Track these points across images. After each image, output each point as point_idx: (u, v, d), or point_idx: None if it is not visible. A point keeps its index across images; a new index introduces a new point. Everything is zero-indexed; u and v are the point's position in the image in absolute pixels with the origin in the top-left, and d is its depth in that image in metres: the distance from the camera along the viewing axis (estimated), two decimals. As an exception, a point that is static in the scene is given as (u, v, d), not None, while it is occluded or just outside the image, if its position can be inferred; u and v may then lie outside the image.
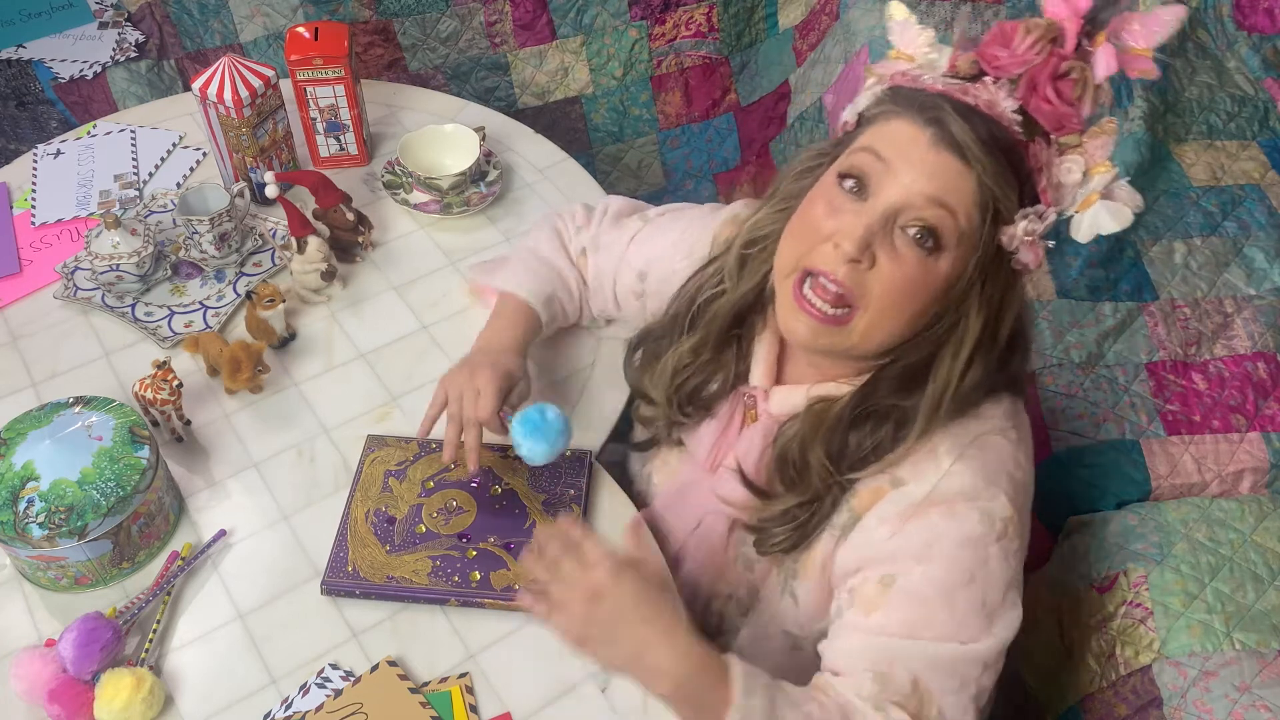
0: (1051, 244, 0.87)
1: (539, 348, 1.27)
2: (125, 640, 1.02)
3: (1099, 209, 0.84)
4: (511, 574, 1.08)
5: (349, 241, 1.41)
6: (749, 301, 1.02)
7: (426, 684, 1.02)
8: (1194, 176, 1.61)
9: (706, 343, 1.04)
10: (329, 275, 1.36)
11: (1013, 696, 1.29)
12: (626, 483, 1.21)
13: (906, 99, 0.87)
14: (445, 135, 1.53)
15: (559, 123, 2.00)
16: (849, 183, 0.88)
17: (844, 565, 0.95)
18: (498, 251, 1.44)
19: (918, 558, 0.89)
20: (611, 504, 1.16)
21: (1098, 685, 1.14)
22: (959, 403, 0.91)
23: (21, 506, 1.01)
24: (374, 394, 1.27)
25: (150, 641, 1.03)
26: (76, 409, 1.10)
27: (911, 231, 0.85)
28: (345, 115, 1.52)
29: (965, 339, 0.89)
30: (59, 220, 1.47)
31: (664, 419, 1.10)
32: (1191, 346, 1.35)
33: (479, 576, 1.07)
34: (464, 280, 1.37)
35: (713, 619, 1.10)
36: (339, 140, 1.54)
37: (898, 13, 0.91)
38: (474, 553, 1.09)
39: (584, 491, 1.15)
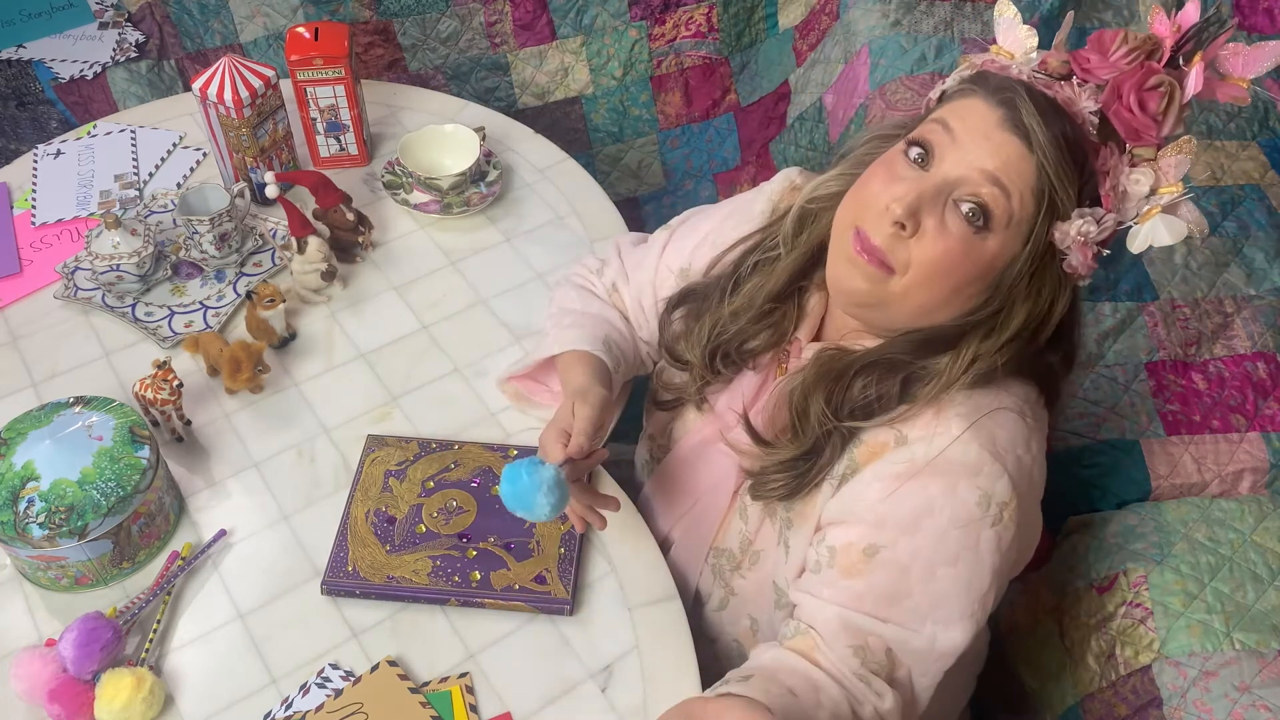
0: (1107, 252, 0.87)
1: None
2: (125, 640, 1.02)
3: (1157, 222, 0.84)
4: (511, 574, 1.08)
5: (349, 241, 1.41)
6: (801, 266, 1.01)
7: (426, 684, 1.02)
8: (1194, 176, 1.61)
9: (752, 305, 1.03)
10: (329, 275, 1.36)
11: (1013, 696, 1.29)
12: (626, 481, 1.21)
13: (986, 81, 0.88)
14: (445, 135, 1.53)
15: (559, 123, 2.00)
16: (915, 151, 0.89)
17: (830, 513, 0.94)
18: (498, 251, 1.45)
19: (905, 529, 0.89)
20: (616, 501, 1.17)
21: (1098, 685, 1.14)
22: (979, 377, 0.90)
23: (22, 506, 1.01)
24: (374, 394, 1.27)
25: (150, 641, 1.03)
26: (77, 409, 1.10)
27: (965, 207, 0.85)
28: (345, 115, 1.52)
29: (1005, 326, 0.89)
30: (59, 220, 1.47)
31: (696, 380, 1.08)
32: (1191, 346, 1.35)
33: (479, 576, 1.07)
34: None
35: (706, 573, 1.11)
36: (339, 140, 1.54)
37: (1006, 10, 0.91)
38: (474, 553, 1.09)
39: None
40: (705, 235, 1.14)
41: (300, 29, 1.49)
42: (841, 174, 0.99)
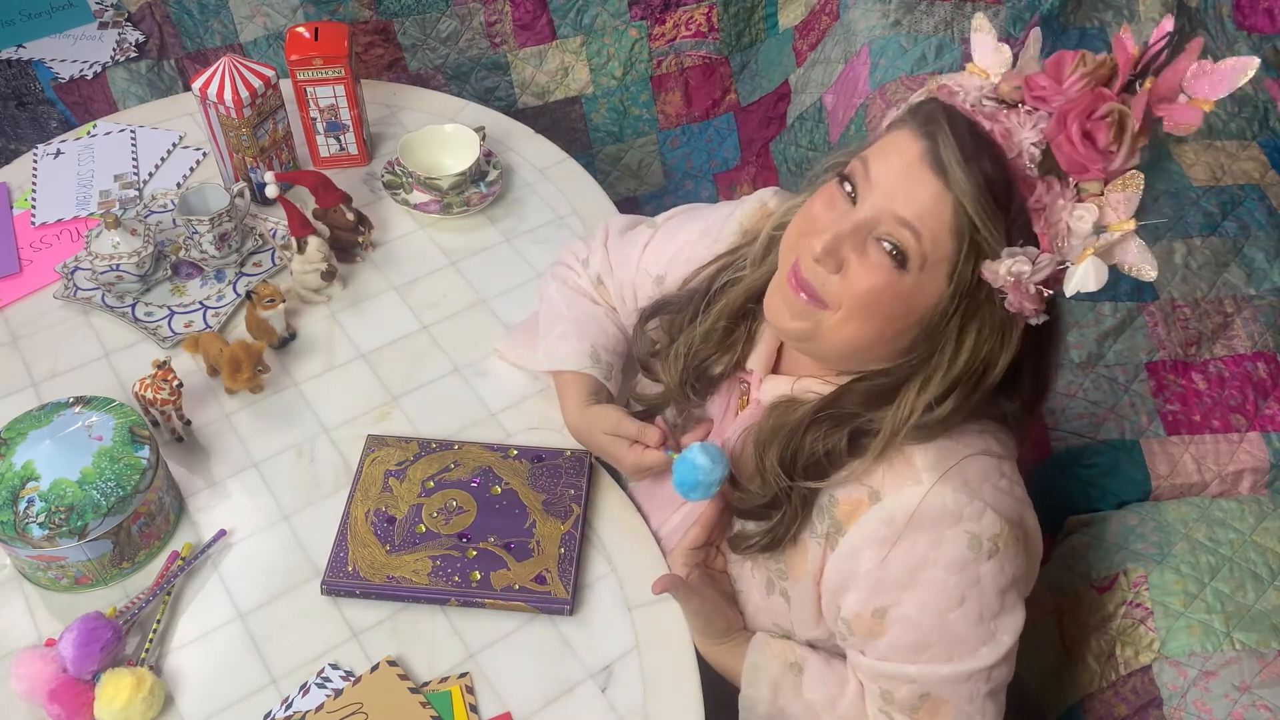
0: (1049, 292, 0.82)
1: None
2: (125, 640, 1.02)
3: (1088, 266, 0.79)
4: (511, 574, 1.08)
5: (349, 241, 1.41)
6: (761, 287, 1.01)
7: (426, 684, 1.02)
8: (1194, 176, 1.61)
9: (719, 325, 1.04)
10: (329, 275, 1.36)
11: (1013, 696, 1.29)
12: (625, 480, 1.21)
13: (920, 111, 0.86)
14: (445, 135, 1.53)
15: (559, 123, 2.00)
16: (846, 185, 0.88)
17: (830, 580, 0.95)
18: (497, 252, 1.45)
19: (904, 586, 0.90)
20: (611, 504, 1.17)
21: (1098, 685, 1.14)
22: (925, 430, 0.89)
23: (21, 506, 1.01)
24: (374, 394, 1.27)
25: (150, 641, 1.03)
26: (76, 409, 1.10)
27: (885, 245, 0.84)
28: (345, 115, 1.52)
29: (935, 373, 0.88)
30: (59, 220, 1.47)
31: (674, 399, 1.10)
32: (1191, 346, 1.35)
33: (479, 576, 1.07)
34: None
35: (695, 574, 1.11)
36: (339, 140, 1.54)
37: (982, 25, 0.87)
38: (474, 553, 1.09)
39: (584, 491, 1.15)
40: (681, 248, 1.15)
41: (300, 29, 1.49)
42: (805, 200, 0.99)
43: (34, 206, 1.49)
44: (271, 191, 1.39)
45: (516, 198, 1.53)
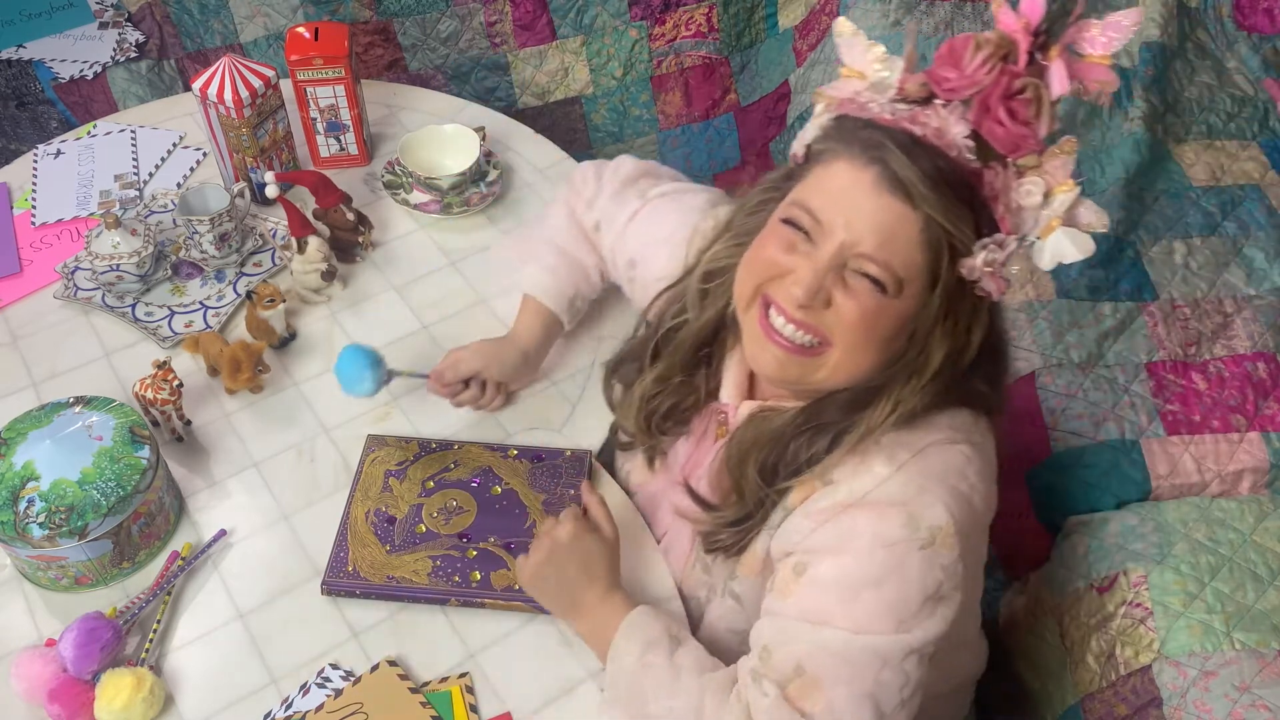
0: (1014, 271, 0.84)
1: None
2: (125, 640, 1.02)
3: (1060, 236, 0.80)
4: (511, 574, 1.08)
5: (349, 241, 1.41)
6: (711, 329, 1.02)
7: (426, 684, 1.02)
8: (1194, 176, 1.61)
9: (674, 370, 1.04)
10: (329, 275, 1.36)
11: (1013, 696, 1.29)
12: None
13: (850, 135, 0.85)
14: (445, 135, 1.53)
15: (559, 123, 2.00)
16: (794, 228, 0.87)
17: (772, 556, 0.95)
18: (497, 252, 1.44)
19: (832, 549, 0.88)
20: (611, 504, 1.16)
21: (1098, 685, 1.14)
22: (903, 419, 0.89)
23: (22, 506, 1.01)
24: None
25: (150, 641, 1.03)
26: (77, 409, 1.10)
27: (864, 274, 0.84)
28: (345, 115, 1.52)
29: (925, 369, 0.88)
30: (59, 220, 1.47)
31: (642, 443, 1.12)
32: (1191, 346, 1.35)
33: (479, 576, 1.07)
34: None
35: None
36: (339, 140, 1.54)
37: (844, 29, 0.87)
38: (474, 553, 1.09)
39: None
40: (653, 246, 1.15)
41: (300, 29, 1.49)
42: (730, 245, 0.98)
43: (34, 206, 1.49)
44: (271, 191, 1.39)
45: (516, 198, 1.53)
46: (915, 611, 0.86)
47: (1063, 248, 0.81)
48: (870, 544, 0.86)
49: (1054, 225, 0.80)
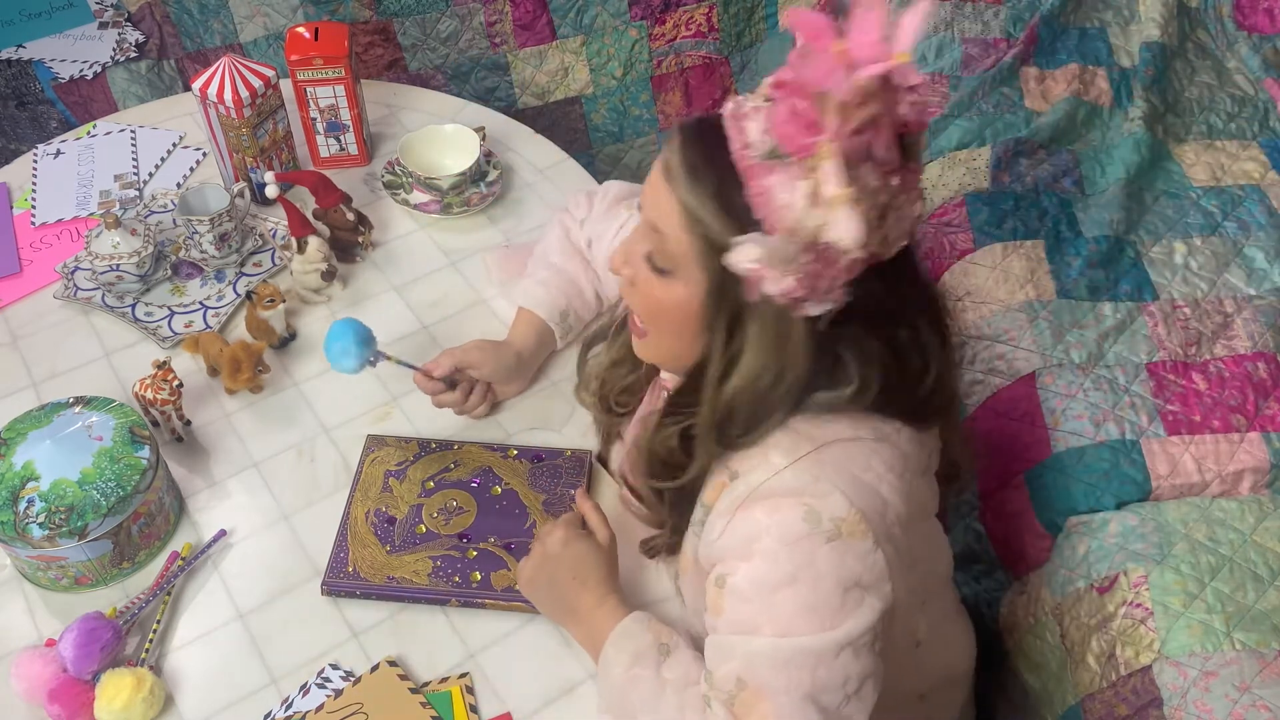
0: (798, 273, 0.79)
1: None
2: (125, 640, 1.02)
3: (840, 216, 0.77)
4: (511, 574, 1.08)
5: (349, 241, 1.41)
6: None
7: (426, 684, 1.02)
8: (1194, 177, 1.61)
9: (627, 348, 1.05)
10: (329, 275, 1.36)
11: (1013, 696, 1.29)
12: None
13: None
14: (445, 135, 1.53)
15: (559, 123, 2.00)
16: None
17: (706, 565, 0.94)
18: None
19: (741, 555, 0.87)
20: (611, 504, 1.16)
21: (1098, 685, 1.14)
22: (746, 426, 0.88)
23: (22, 506, 1.01)
24: (374, 394, 1.27)
25: (150, 641, 1.03)
26: (76, 409, 1.10)
27: (645, 256, 0.89)
28: (345, 115, 1.52)
29: (708, 368, 0.88)
30: (59, 220, 1.47)
31: (600, 422, 1.16)
32: (1191, 346, 1.35)
33: (479, 577, 1.07)
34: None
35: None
36: (339, 140, 1.54)
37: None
38: (474, 553, 1.09)
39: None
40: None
41: (300, 29, 1.49)
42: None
43: (34, 206, 1.49)
44: (271, 191, 1.39)
45: (516, 198, 1.53)
46: (837, 606, 0.85)
47: (838, 227, 0.78)
48: (775, 544, 0.85)
49: (815, 230, 0.78)
